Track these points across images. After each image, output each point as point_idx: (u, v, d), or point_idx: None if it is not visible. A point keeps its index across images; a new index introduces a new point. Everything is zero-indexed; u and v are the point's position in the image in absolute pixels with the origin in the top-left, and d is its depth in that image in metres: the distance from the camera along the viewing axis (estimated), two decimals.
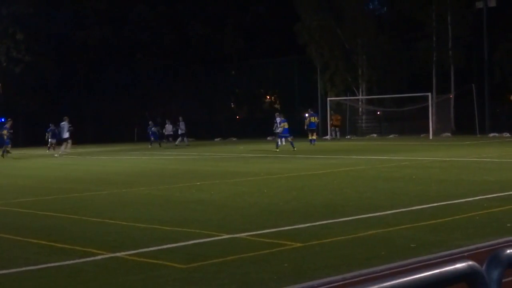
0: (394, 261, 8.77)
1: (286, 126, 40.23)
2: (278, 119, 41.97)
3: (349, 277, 7.99)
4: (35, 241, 11.15)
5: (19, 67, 60.26)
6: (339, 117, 54.62)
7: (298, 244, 10.14)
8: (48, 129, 47.84)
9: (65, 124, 42.66)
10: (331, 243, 10.19)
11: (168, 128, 52.78)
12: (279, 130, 40.35)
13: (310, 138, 44.32)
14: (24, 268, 9.18)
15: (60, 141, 44.09)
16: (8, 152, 39.97)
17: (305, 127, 45.64)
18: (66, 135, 42.55)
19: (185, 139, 50.91)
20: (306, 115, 47.01)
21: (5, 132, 40.48)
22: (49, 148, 47.04)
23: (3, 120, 61.38)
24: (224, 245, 10.50)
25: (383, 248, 9.67)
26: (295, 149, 37.32)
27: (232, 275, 8.39)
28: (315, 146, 41.69)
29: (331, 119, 54.45)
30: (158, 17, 68.13)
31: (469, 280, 2.73)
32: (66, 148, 42.63)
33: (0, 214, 14.91)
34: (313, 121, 45.50)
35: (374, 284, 2.54)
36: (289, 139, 39.98)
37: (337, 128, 54.37)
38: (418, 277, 2.58)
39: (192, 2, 69.41)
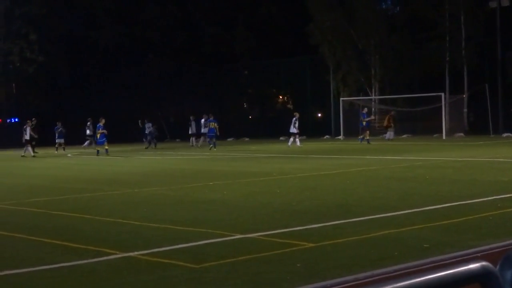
0: (407, 262, 8.74)
1: (212, 126, 41.84)
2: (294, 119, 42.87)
3: (362, 278, 7.97)
4: (48, 240, 11.19)
5: (32, 67, 60.50)
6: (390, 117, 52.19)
7: (311, 244, 10.13)
8: (56, 128, 47.56)
9: (203, 120, 47.17)
10: (343, 243, 10.17)
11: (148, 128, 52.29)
12: (205, 130, 44.20)
13: (367, 137, 44.57)
14: (37, 268, 9.20)
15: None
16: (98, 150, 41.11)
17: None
18: (204, 130, 47.42)
19: (192, 139, 50.77)
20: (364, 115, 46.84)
21: (100, 131, 41.27)
22: (57, 148, 46.74)
23: (16, 120, 61.68)
24: (236, 245, 10.49)
25: (396, 248, 9.65)
26: (215, 149, 41.14)
27: (244, 275, 8.38)
28: (332, 145, 41.52)
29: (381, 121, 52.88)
30: (169, 17, 68.23)
31: (483, 280, 2.71)
32: (203, 141, 47.63)
33: (13, 214, 14.97)
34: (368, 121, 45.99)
35: (387, 285, 2.53)
36: (213, 139, 41.68)
37: (390, 129, 51.36)
38: (431, 277, 2.57)
39: (203, 2, 69.46)
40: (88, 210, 14.86)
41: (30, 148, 41.90)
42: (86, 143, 49.20)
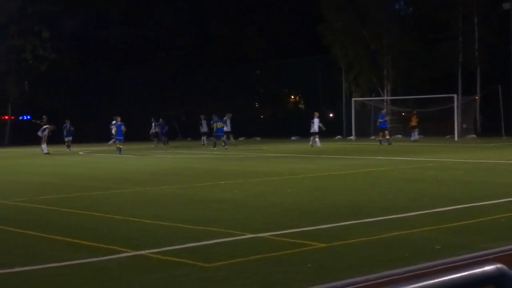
0: (418, 263, 8.71)
1: (219, 126, 42.09)
2: (315, 119, 42.48)
3: (373, 279, 7.93)
4: (59, 238, 11.21)
5: (44, 65, 60.70)
6: (416, 117, 51.73)
7: (321, 245, 10.11)
8: (64, 126, 47.50)
9: (225, 119, 47.01)
10: (354, 244, 10.15)
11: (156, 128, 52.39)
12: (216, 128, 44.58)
13: (379, 138, 44.21)
14: (48, 265, 9.22)
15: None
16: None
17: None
18: (227, 128, 46.62)
19: (203, 138, 50.75)
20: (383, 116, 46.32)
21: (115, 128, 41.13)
22: (67, 146, 46.78)
23: (28, 117, 61.89)
24: (246, 244, 10.49)
25: (407, 249, 9.63)
26: (226, 147, 41.88)
27: (254, 275, 8.38)
28: (343, 146, 41.37)
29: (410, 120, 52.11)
30: (180, 16, 68.31)
31: (498, 283, 2.70)
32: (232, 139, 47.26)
33: (24, 211, 15.01)
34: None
35: (399, 286, 2.52)
36: (222, 138, 41.84)
37: (416, 129, 51.17)
38: (446, 279, 2.56)
39: (214, 2, 69.48)
40: (99, 208, 14.89)
41: (44, 146, 42.07)
42: (111, 141, 49.46)
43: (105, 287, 8.11)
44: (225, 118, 46.87)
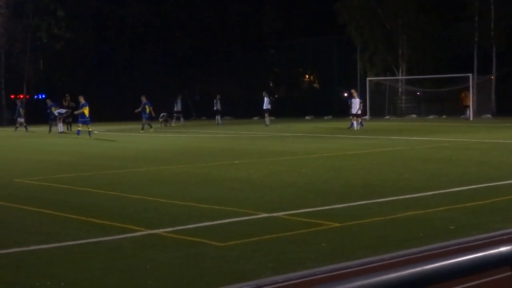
0: (433, 243, 8.71)
1: (148, 110, 42.01)
2: (354, 99, 41.04)
3: (387, 258, 7.95)
4: (74, 216, 11.26)
5: (59, 44, 60.71)
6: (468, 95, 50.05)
7: (336, 224, 10.12)
8: (17, 107, 45.77)
9: (266, 98, 46.76)
10: (369, 224, 10.14)
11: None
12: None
13: (352, 120, 40.48)
14: (64, 243, 9.28)
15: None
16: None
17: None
18: (268, 106, 46.52)
19: (218, 117, 50.48)
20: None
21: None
22: (16, 127, 44.77)
23: (43, 96, 62.01)
24: (261, 223, 10.51)
25: (422, 229, 9.62)
26: (151, 129, 40.82)
27: (269, 253, 8.40)
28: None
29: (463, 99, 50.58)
30: None
31: None
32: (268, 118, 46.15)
33: (40, 190, 15.08)
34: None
35: (414, 267, 2.50)
36: (144, 120, 41.86)
37: (468, 108, 49.65)
38: (461, 260, 2.54)
39: None
40: (114, 187, 14.93)
41: (60, 125, 42.13)
42: (173, 119, 49.42)
43: (120, 265, 8.15)
44: (267, 98, 46.86)
